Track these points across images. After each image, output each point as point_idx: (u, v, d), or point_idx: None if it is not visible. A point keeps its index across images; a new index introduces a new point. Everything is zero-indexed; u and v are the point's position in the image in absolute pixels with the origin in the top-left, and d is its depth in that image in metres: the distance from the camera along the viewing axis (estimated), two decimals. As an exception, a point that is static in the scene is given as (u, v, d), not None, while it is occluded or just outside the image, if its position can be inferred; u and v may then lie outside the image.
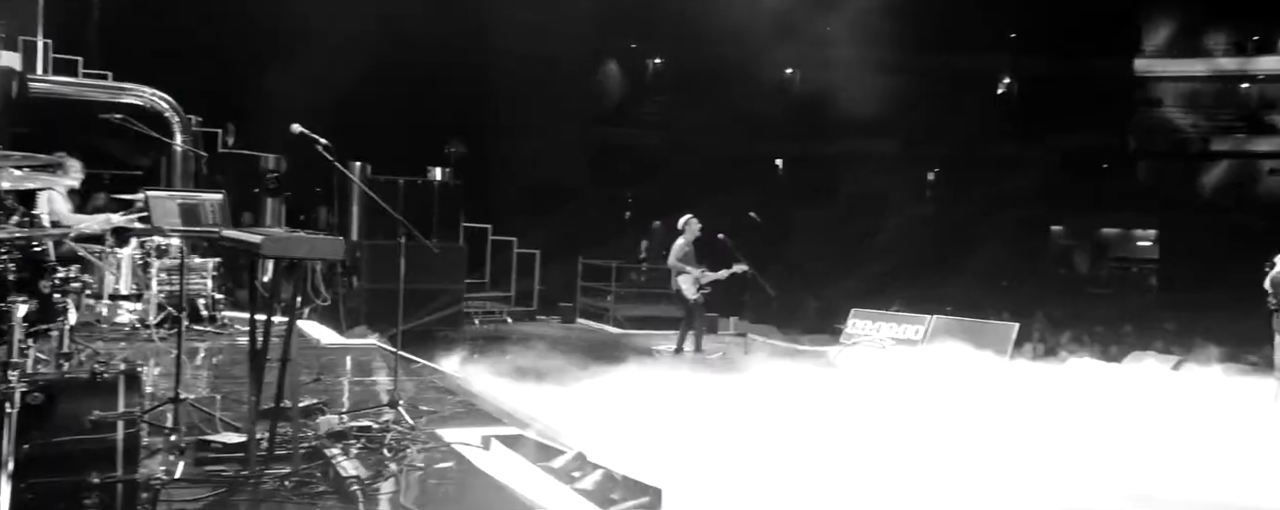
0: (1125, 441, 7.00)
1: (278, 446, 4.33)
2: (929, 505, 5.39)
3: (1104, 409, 8.15)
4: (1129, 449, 6.76)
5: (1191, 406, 8.20)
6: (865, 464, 6.05)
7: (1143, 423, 7.62)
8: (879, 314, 12.90)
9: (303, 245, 4.08)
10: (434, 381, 6.95)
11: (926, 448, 6.51)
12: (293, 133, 4.97)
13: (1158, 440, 7.03)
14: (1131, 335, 17.34)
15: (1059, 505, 5.46)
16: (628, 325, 14.24)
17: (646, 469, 4.95)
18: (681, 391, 8.11)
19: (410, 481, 4.28)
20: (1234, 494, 5.86)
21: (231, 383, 6.31)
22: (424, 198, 11.75)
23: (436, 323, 11.22)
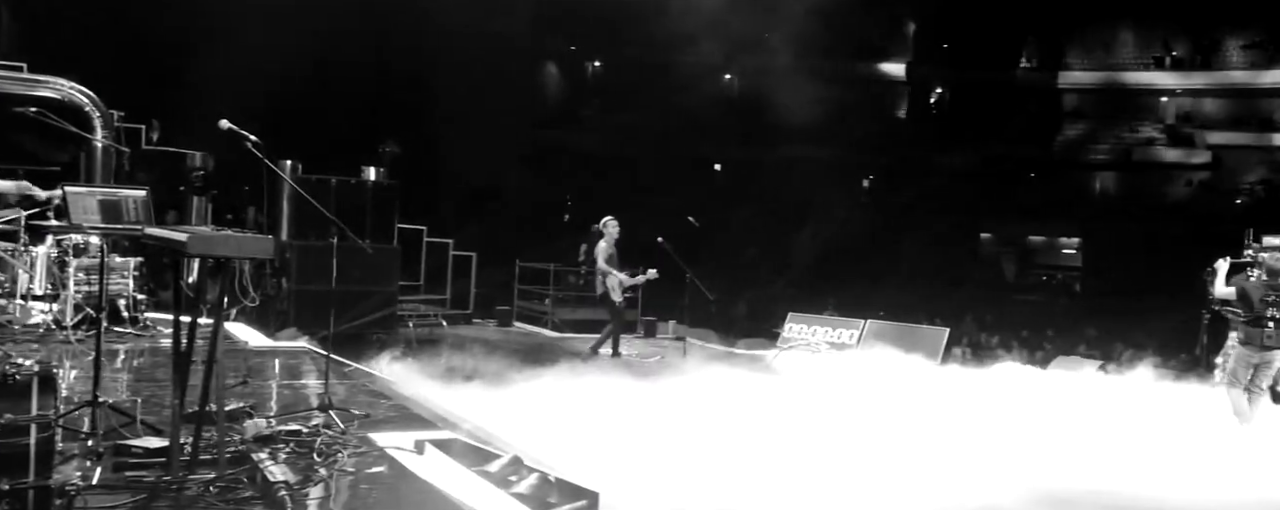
0: (1044, 441, 7.22)
1: (202, 451, 4.18)
2: (853, 503, 5.46)
3: (1029, 411, 8.37)
4: (1047, 448, 6.97)
5: (1113, 408, 8.46)
6: (797, 465, 6.12)
7: (1064, 424, 7.84)
8: (815, 318, 13.06)
9: (230, 244, 3.95)
10: (366, 385, 6.80)
11: (856, 449, 6.62)
12: (221, 128, 4.82)
13: (1077, 441, 7.26)
14: (1056, 340, 17.86)
15: (969, 503, 5.58)
16: (565, 328, 14.18)
17: (584, 472, 4.91)
18: (619, 395, 8.09)
19: (341, 487, 4.17)
20: (1139, 488, 6.08)
21: (153, 386, 6.10)
22: (357, 198, 11.53)
23: (369, 325, 11.02)
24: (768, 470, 5.94)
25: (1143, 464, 6.60)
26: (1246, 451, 7.06)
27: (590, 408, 7.42)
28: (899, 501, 5.53)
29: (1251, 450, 7.08)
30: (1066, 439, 7.27)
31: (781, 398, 8.56)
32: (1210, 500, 5.90)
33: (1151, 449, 7.03)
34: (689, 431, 6.82)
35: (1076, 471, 6.41)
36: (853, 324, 12.48)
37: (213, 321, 4.17)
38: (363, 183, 12.36)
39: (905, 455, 6.55)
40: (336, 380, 6.59)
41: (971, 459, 6.53)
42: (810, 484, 5.73)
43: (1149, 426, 7.77)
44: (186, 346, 4.24)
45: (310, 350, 8.24)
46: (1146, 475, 6.33)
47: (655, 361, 11.17)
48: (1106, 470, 6.47)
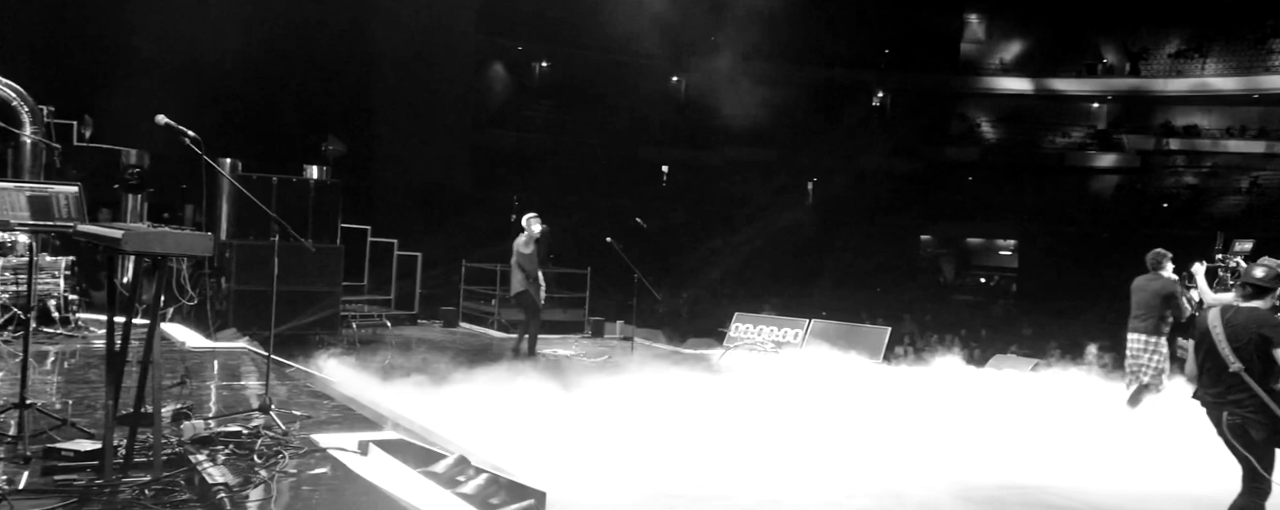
0: (970, 436, 7.41)
1: (137, 454, 4.08)
2: (782, 494, 5.58)
3: (963, 407, 8.57)
4: (972, 443, 7.15)
5: (1043, 405, 8.69)
6: (737, 460, 6.21)
7: (993, 420, 8.04)
8: (760, 318, 13.19)
9: (167, 240, 3.86)
10: (308, 385, 6.70)
11: (793, 443, 6.74)
12: (158, 124, 4.70)
13: (1002, 436, 7.45)
14: (992, 339, 18.29)
15: (881, 492, 5.72)
16: (512, 329, 14.09)
17: (530, 472, 4.90)
18: (565, 395, 8.08)
19: (282, 489, 4.10)
20: (1052, 480, 6.27)
21: (86, 388, 5.93)
22: (299, 197, 11.32)
23: (312, 326, 10.83)
24: (709, 465, 6.00)
25: (1062, 458, 6.80)
26: (1165, 444, 7.30)
27: (537, 407, 7.41)
28: (821, 492, 5.66)
29: (1169, 443, 7.32)
30: (992, 434, 7.46)
31: (726, 396, 8.64)
32: (1123, 491, 6.09)
33: (1073, 443, 7.25)
34: (635, 430, 6.85)
35: (993, 464, 6.57)
36: (797, 323, 12.64)
37: (149, 321, 4.07)
38: (305, 181, 12.15)
39: (837, 449, 6.68)
40: (278, 381, 6.49)
41: (897, 452, 6.70)
42: (747, 477, 5.84)
43: (1073, 422, 7.98)
44: (121, 347, 4.13)
45: (251, 351, 8.08)
46: (1063, 468, 6.53)
47: (603, 361, 11.18)
48: (1024, 464, 6.65)
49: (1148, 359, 8.24)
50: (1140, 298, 8.34)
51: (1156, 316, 8.23)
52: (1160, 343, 8.27)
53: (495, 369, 9.68)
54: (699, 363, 11.58)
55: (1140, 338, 8.30)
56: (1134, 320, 8.36)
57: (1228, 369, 4.59)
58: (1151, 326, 8.24)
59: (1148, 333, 8.26)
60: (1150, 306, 8.24)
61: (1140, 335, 8.30)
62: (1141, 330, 8.28)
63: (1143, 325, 8.28)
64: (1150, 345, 8.26)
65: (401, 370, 8.74)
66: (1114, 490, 6.11)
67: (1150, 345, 8.26)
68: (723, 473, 5.90)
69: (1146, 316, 8.27)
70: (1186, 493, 5.96)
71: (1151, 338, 8.26)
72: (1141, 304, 8.31)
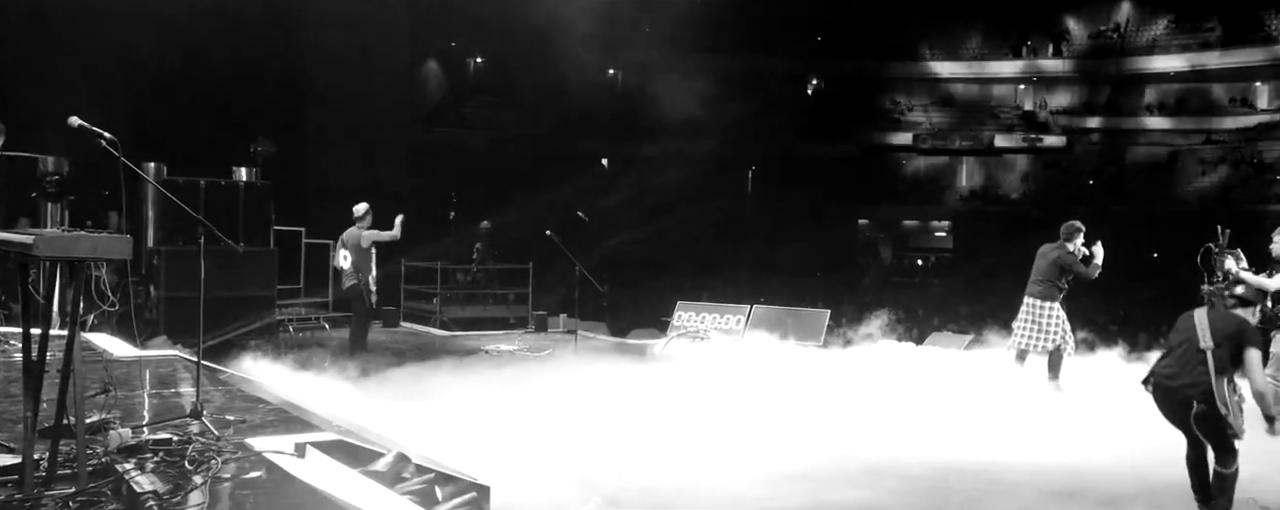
0: (902, 412, 7.60)
1: (60, 466, 3.96)
2: (694, 475, 5.70)
3: (895, 386, 8.76)
4: (894, 420, 7.34)
5: (978, 381, 8.91)
6: (676, 448, 6.27)
7: (929, 396, 8.24)
8: (702, 305, 13.29)
9: (82, 244, 3.74)
10: (242, 390, 6.56)
11: (722, 427, 6.87)
12: (71, 126, 4.56)
13: (936, 411, 7.66)
14: (928, 319, 18.66)
15: (811, 470, 5.85)
16: (454, 327, 14.01)
17: (473, 467, 4.88)
18: (508, 389, 8.07)
19: (216, 494, 4.01)
20: (976, 452, 6.46)
21: (6, 402, 5.73)
22: (229, 200, 11.09)
23: (247, 331, 10.62)
24: (648, 454, 6.06)
25: (990, 432, 7.00)
26: (1092, 415, 7.55)
27: (478, 403, 7.38)
28: (752, 475, 5.75)
29: (1097, 414, 7.58)
30: (924, 411, 7.66)
31: (666, 385, 8.70)
32: (1025, 461, 6.26)
33: (995, 416, 7.45)
34: (576, 422, 6.87)
35: (924, 441, 6.73)
36: (739, 310, 12.77)
37: (68, 328, 3.95)
38: (235, 184, 11.89)
39: (762, 431, 6.81)
40: (211, 387, 6.35)
41: (816, 431, 6.84)
42: (682, 464, 5.93)
43: (1002, 396, 8.19)
44: (39, 356, 4.00)
45: (182, 358, 7.88)
46: (992, 443, 6.71)
47: (545, 355, 11.16)
48: (939, 438, 6.84)
49: (1048, 324, 8.52)
50: (1039, 264, 8.68)
51: (1050, 282, 8.53)
52: (1055, 307, 8.56)
53: (439, 367, 9.63)
54: (642, 353, 11.63)
55: (1035, 302, 8.58)
56: (1031, 285, 8.67)
57: (1197, 347, 5.00)
58: (1045, 291, 8.54)
59: (1041, 298, 8.55)
60: (1046, 273, 8.55)
61: (1035, 300, 8.58)
62: (1037, 295, 8.58)
63: (1038, 290, 8.58)
64: (1046, 310, 8.54)
65: (339, 372, 8.62)
66: (1041, 462, 6.30)
67: (1046, 310, 8.54)
68: (660, 461, 5.96)
69: (1041, 281, 8.57)
70: (1120, 463, 6.16)
71: (1045, 303, 8.54)
72: (1039, 270, 8.63)
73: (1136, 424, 6.41)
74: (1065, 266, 8.51)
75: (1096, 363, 9.84)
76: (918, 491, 5.66)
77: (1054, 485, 5.79)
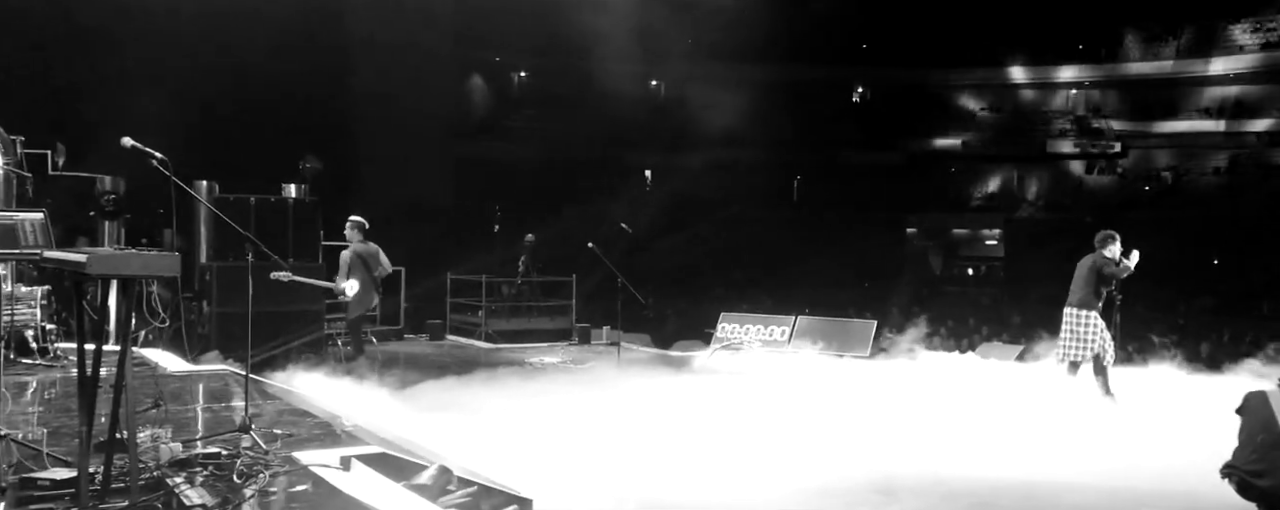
0: (948, 426, 7.40)
1: (114, 480, 4.04)
2: (762, 496, 5.57)
3: (949, 399, 8.58)
4: (948, 433, 7.15)
5: (1029, 393, 8.71)
6: (714, 459, 6.20)
7: (977, 410, 8.04)
8: (746, 316, 13.20)
9: (133, 262, 3.83)
10: (291, 404, 6.65)
11: (777, 443, 6.73)
12: (124, 146, 4.68)
13: (980, 425, 7.46)
14: (980, 329, 18.33)
15: (855, 486, 5.71)
16: (499, 339, 14.07)
17: (515, 480, 4.88)
18: (551, 402, 8.07)
19: (264, 507, 4.07)
20: (1021, 468, 6.23)
21: (65, 417, 5.87)
22: (278, 216, 11.27)
23: (296, 346, 10.78)
24: (692, 469, 5.99)
25: (1029, 446, 6.78)
26: (1140, 430, 7.33)
27: (521, 416, 7.39)
28: (765, 487, 5.67)
29: (1146, 429, 7.36)
30: (973, 425, 7.46)
31: (711, 397, 8.64)
32: (1069, 479, 6.04)
33: (1043, 431, 7.24)
34: (621, 434, 6.85)
35: (951, 455, 6.53)
36: (783, 321, 12.66)
37: (120, 344, 4.04)
38: (284, 200, 12.10)
39: (804, 444, 6.68)
40: (260, 401, 6.45)
41: (859, 446, 6.69)
42: (727, 479, 5.83)
43: (1049, 409, 7.96)
44: (92, 372, 4.10)
45: (232, 372, 8.02)
46: (1028, 457, 6.49)
47: (588, 367, 11.17)
48: (984, 453, 6.62)
49: (1085, 333, 8.38)
50: (1078, 271, 8.59)
51: (1088, 290, 8.43)
52: (1093, 316, 8.44)
53: (483, 380, 9.67)
54: (685, 365, 11.58)
55: (1073, 312, 8.48)
56: (1070, 294, 8.58)
57: None
58: (1082, 299, 8.44)
59: (1078, 306, 8.45)
60: (1083, 280, 8.47)
61: (1074, 309, 8.49)
62: (1075, 304, 8.48)
63: (1076, 298, 8.49)
64: (1084, 319, 8.42)
65: (388, 386, 8.70)
66: (1084, 480, 6.09)
67: (1084, 319, 8.42)
68: (698, 474, 5.88)
69: (1077, 290, 8.48)
70: (1168, 483, 5.94)
71: (1083, 311, 8.44)
72: (1076, 279, 8.56)
73: (1188, 438, 6.23)
74: (1101, 271, 8.44)
75: (1152, 374, 9.59)
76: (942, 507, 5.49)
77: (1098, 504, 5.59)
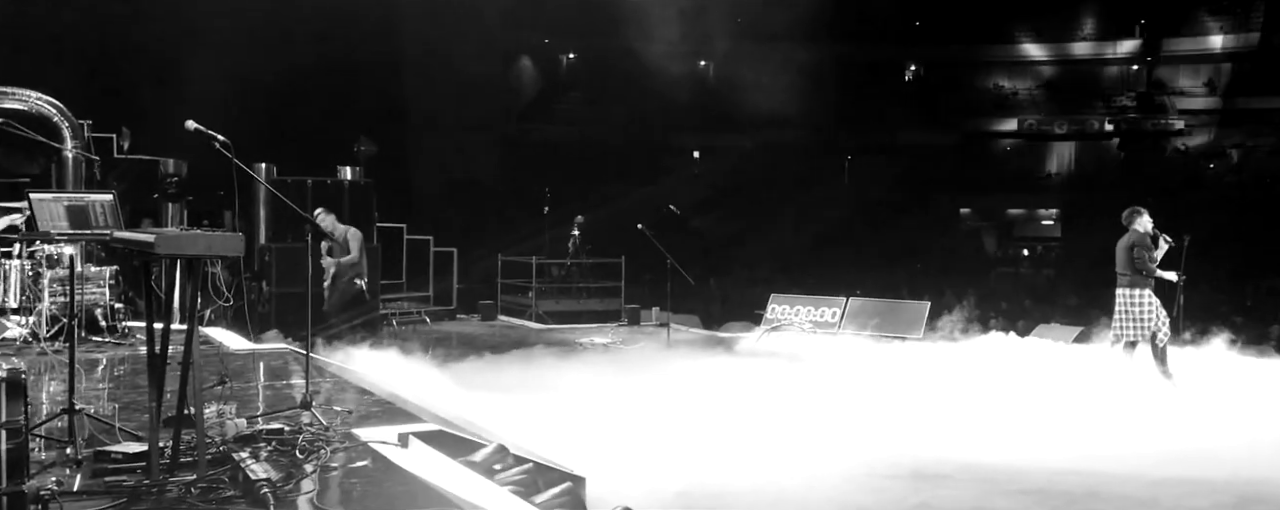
0: (1002, 411, 7.24)
1: (182, 454, 4.17)
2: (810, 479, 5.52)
3: (1004, 381, 8.45)
4: (1005, 418, 6.99)
5: (1086, 376, 8.54)
6: (770, 444, 6.17)
7: (1034, 393, 7.89)
8: (796, 298, 13.11)
9: (198, 242, 3.93)
10: (349, 382, 6.79)
11: (826, 425, 6.69)
12: (188, 129, 4.79)
13: (1038, 409, 7.29)
14: (1035, 311, 18.01)
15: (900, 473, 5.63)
16: (549, 320, 14.19)
17: (569, 458, 4.93)
18: (601, 382, 8.12)
19: (325, 482, 4.17)
20: (1080, 455, 6.08)
21: (134, 393, 6.07)
22: (334, 197, 11.49)
23: (353, 325, 10.99)
24: (737, 449, 5.98)
25: (1075, 431, 6.65)
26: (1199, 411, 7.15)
27: (574, 396, 7.45)
28: (813, 470, 5.61)
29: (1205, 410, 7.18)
30: (1026, 410, 7.31)
31: (761, 379, 8.61)
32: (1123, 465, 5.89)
33: (1092, 414, 7.07)
34: (673, 414, 6.87)
35: (992, 442, 6.35)
36: (834, 302, 12.55)
37: (187, 322, 4.16)
38: (339, 182, 12.32)
39: (846, 428, 6.60)
40: (320, 379, 6.59)
41: (905, 430, 6.59)
42: (775, 463, 5.79)
43: (1103, 393, 7.78)
44: (161, 349, 4.22)
45: (293, 351, 8.21)
46: (1080, 441, 6.36)
47: (639, 348, 11.21)
48: (1026, 439, 6.46)
49: (1141, 313, 8.22)
50: (1120, 256, 8.47)
51: (1133, 270, 8.29)
52: (1144, 294, 8.27)
53: (535, 360, 9.77)
54: (735, 346, 11.56)
55: (1125, 292, 8.35)
56: (1119, 277, 8.46)
57: None
58: (1132, 280, 8.31)
59: (1128, 286, 8.32)
60: (1125, 261, 8.36)
61: (1123, 289, 8.36)
62: (1125, 285, 8.36)
63: (1126, 280, 8.37)
64: (1135, 298, 8.27)
65: (442, 364, 8.83)
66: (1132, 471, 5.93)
67: (1135, 298, 8.27)
68: (751, 459, 5.86)
69: (1126, 273, 8.36)
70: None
71: (1133, 290, 8.30)
72: (1122, 262, 8.43)
73: (1248, 423, 6.05)
74: (1133, 246, 8.31)
75: (1214, 356, 9.34)
76: (994, 494, 5.40)
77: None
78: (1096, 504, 5.23)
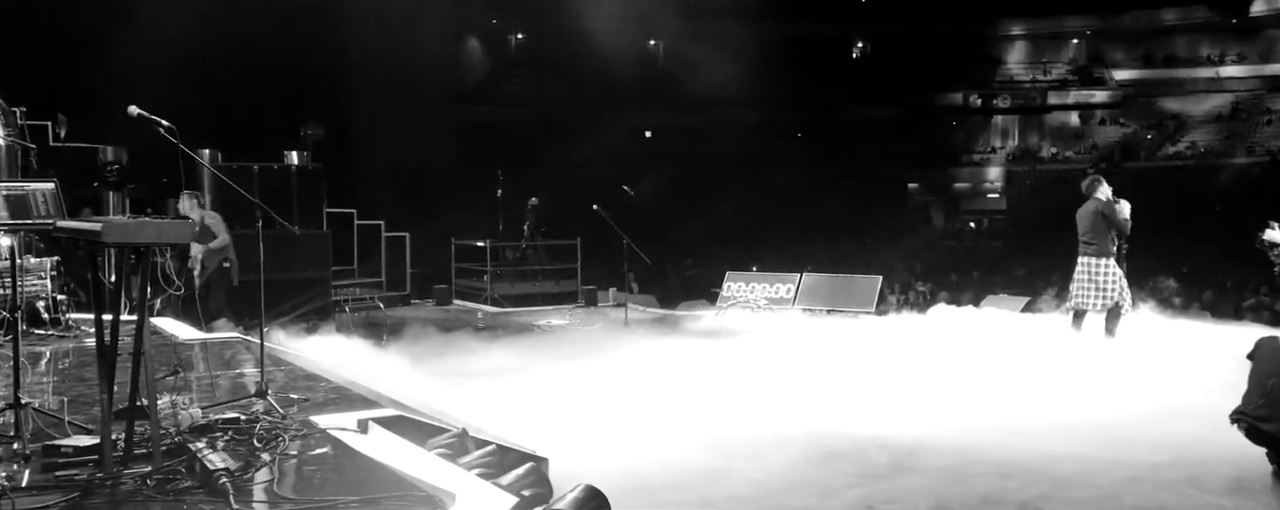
0: (959, 383, 7.38)
1: (135, 446, 4.09)
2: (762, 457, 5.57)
3: (956, 351, 8.62)
4: (962, 390, 7.12)
5: (1039, 344, 8.75)
6: (729, 423, 6.24)
7: (983, 361, 8.07)
8: (751, 275, 13.23)
9: (147, 230, 3.84)
10: (303, 369, 6.71)
11: (786, 404, 6.76)
12: (131, 115, 4.66)
13: (978, 376, 7.48)
14: (984, 282, 18.38)
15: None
16: (505, 303, 14.13)
17: (531, 440, 4.94)
18: (558, 364, 8.13)
19: (285, 470, 4.13)
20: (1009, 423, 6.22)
21: (82, 386, 5.93)
22: (282, 183, 11.30)
23: (305, 312, 10.85)
24: (696, 429, 6.02)
25: (1032, 404, 6.77)
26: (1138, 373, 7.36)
27: (533, 377, 7.45)
28: (769, 446, 5.67)
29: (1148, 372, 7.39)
30: (966, 375, 7.49)
31: (717, 357, 8.69)
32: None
33: (1045, 384, 7.21)
34: (632, 394, 6.90)
35: (952, 416, 6.42)
36: (789, 279, 12.69)
37: (137, 313, 4.06)
38: (287, 168, 12.10)
39: (805, 407, 6.67)
40: (273, 367, 6.49)
41: (861, 407, 6.64)
42: (735, 440, 5.84)
43: (1056, 362, 7.93)
44: (111, 341, 4.13)
45: (244, 339, 8.08)
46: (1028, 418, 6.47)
47: (596, 329, 11.23)
48: (990, 413, 6.55)
49: (1105, 281, 8.38)
50: (1084, 224, 8.54)
51: (1103, 238, 8.42)
52: (1110, 264, 8.45)
53: (492, 343, 9.74)
54: (692, 324, 11.63)
55: (1090, 260, 8.47)
56: (1083, 245, 8.55)
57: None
58: (1099, 249, 8.43)
59: (1096, 255, 8.45)
60: (1094, 229, 8.43)
61: (1091, 259, 8.48)
62: (1092, 254, 8.47)
63: (1092, 249, 8.48)
64: (1101, 266, 8.41)
65: (398, 350, 8.77)
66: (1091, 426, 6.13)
67: (1101, 266, 8.41)
68: (710, 437, 5.91)
69: (1091, 241, 8.46)
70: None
71: (1100, 260, 8.44)
72: (1087, 229, 8.50)
73: (1182, 383, 6.24)
74: (1108, 215, 8.41)
75: (1151, 320, 9.64)
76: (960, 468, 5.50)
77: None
78: (1061, 465, 5.34)
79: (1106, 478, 5.07)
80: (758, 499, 4.85)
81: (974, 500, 4.77)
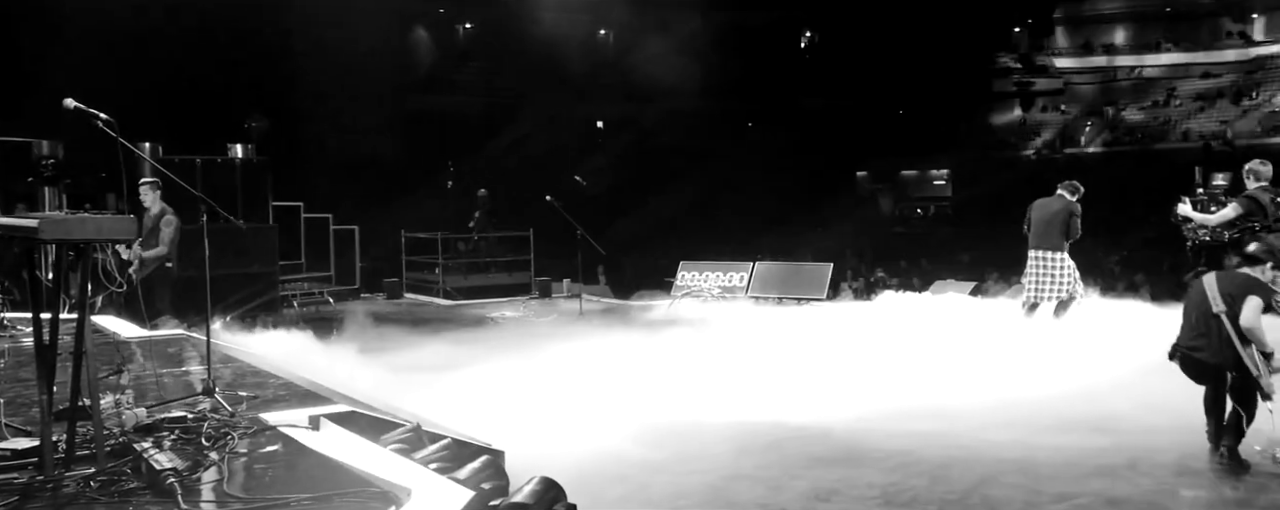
0: (913, 362, 7.58)
1: (78, 447, 3.99)
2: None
3: (903, 337, 8.78)
4: (919, 376, 7.29)
5: (980, 328, 8.93)
6: (679, 409, 6.28)
7: (929, 346, 8.23)
8: (704, 264, 13.29)
9: (87, 225, 3.73)
10: (251, 366, 6.59)
11: (731, 389, 6.88)
12: (66, 108, 4.52)
13: (924, 362, 7.65)
14: (931, 269, 18.69)
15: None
16: (458, 296, 14.03)
17: (487, 434, 4.92)
18: (513, 356, 8.10)
19: (234, 468, 4.06)
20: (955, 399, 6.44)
21: (18, 387, 5.76)
22: (226, 177, 11.06)
23: (252, 308, 10.65)
24: (645, 415, 6.06)
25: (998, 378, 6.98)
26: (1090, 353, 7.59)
27: (488, 370, 7.42)
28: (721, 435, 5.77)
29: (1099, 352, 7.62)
30: (908, 359, 7.66)
31: (672, 347, 8.72)
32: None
33: (1000, 360, 7.43)
34: (588, 385, 6.90)
35: (910, 405, 6.56)
36: (741, 267, 12.78)
37: (78, 311, 3.95)
38: (231, 161, 11.85)
39: (760, 397, 6.77)
40: (220, 364, 6.37)
41: (814, 396, 6.76)
42: (688, 428, 5.92)
43: (1007, 345, 8.13)
44: (50, 340, 4.01)
45: (190, 337, 7.91)
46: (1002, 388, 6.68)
47: (549, 320, 11.21)
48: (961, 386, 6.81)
49: (1060, 274, 8.68)
50: (1043, 215, 8.83)
51: (1059, 234, 8.71)
52: (1066, 258, 8.77)
53: (444, 336, 9.67)
54: (646, 315, 11.66)
55: (1046, 254, 8.77)
56: (1037, 239, 8.82)
57: (1210, 312, 5.09)
58: (1054, 243, 8.72)
59: (1052, 249, 8.74)
60: (1055, 224, 8.71)
61: (1046, 252, 8.77)
62: (1048, 247, 8.76)
63: (1049, 243, 8.75)
64: (1057, 261, 8.73)
65: (348, 344, 8.66)
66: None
67: (1057, 261, 8.73)
68: (664, 426, 5.95)
69: (1048, 234, 8.73)
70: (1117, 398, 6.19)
71: (1055, 254, 8.75)
72: (1046, 221, 8.77)
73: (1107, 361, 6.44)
74: (1076, 217, 8.74)
75: (1097, 303, 9.91)
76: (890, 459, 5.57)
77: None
78: (1006, 451, 5.47)
79: (1048, 460, 5.24)
80: (704, 491, 4.90)
81: (920, 487, 4.87)
